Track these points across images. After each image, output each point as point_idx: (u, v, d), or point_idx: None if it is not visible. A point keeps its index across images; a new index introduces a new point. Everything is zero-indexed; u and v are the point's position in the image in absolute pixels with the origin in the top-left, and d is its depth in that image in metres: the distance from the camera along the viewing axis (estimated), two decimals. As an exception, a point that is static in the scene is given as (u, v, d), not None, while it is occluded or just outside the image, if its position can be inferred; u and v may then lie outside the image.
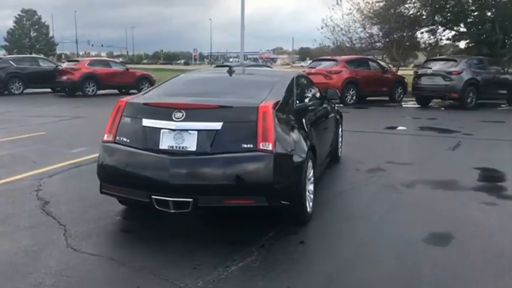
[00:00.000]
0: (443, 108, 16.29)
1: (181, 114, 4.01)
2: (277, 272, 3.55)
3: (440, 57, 18.39)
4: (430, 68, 16.25)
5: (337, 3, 23.60)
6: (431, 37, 23.76)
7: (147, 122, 4.11)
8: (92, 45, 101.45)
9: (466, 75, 15.48)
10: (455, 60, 16.13)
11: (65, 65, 22.08)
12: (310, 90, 5.94)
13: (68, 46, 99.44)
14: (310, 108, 5.42)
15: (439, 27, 22.90)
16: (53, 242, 4.10)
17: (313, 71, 16.86)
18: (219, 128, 3.95)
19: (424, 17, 22.02)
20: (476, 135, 10.36)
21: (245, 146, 3.92)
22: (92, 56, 59.98)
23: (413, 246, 4.02)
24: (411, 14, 22.56)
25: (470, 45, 21.26)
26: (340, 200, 5.44)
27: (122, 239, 4.29)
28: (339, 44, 24.29)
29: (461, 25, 21.86)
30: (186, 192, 3.89)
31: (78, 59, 26.52)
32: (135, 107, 4.32)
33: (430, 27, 22.97)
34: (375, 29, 23.55)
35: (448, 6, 20.98)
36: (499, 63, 18.19)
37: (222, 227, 4.54)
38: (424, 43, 24.01)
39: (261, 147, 3.90)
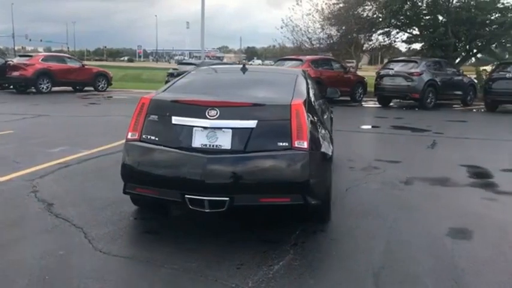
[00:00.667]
0: (404, 108, 16.88)
1: (216, 112, 3.93)
2: (322, 269, 3.57)
3: (401, 58, 19.02)
4: (392, 69, 16.78)
5: (298, 4, 23.92)
6: (386, 39, 24.61)
7: (177, 120, 4.00)
8: (30, 40, 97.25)
9: (426, 76, 16.13)
10: (416, 62, 16.76)
11: (16, 60, 21.01)
12: (316, 88, 6.00)
13: (3, 40, 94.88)
14: (321, 105, 5.48)
15: (394, 29, 23.71)
16: (77, 246, 3.91)
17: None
18: (254, 126, 3.90)
19: (380, 19, 22.67)
20: (446, 133, 10.82)
21: (280, 144, 3.90)
22: (28, 52, 57.43)
23: (440, 241, 4.14)
24: (368, 16, 23.22)
25: (424, 47, 22.11)
26: (348, 198, 5.51)
27: (148, 240, 4.15)
28: (298, 44, 24.60)
29: (416, 28, 22.70)
30: (222, 191, 3.83)
31: (31, 54, 25.27)
32: (163, 105, 4.19)
33: (385, 30, 23.74)
34: (333, 30, 24.04)
35: (403, 10, 21.70)
36: (453, 66, 19.07)
37: (247, 226, 4.49)
38: (379, 45, 24.74)
39: (296, 145, 3.90)
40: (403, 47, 26.10)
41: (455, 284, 3.34)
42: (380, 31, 23.43)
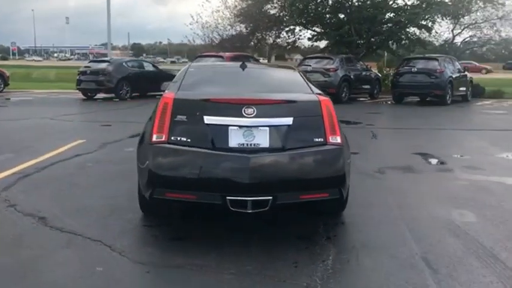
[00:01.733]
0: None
1: (252, 110, 3.84)
2: (373, 258, 3.67)
3: (317, 55, 19.77)
4: (310, 66, 17.41)
5: (207, 0, 23.80)
6: (291, 36, 25.46)
7: (211, 120, 3.83)
8: None
9: (341, 72, 16.98)
10: (331, 58, 17.57)
11: None
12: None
13: None
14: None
15: (298, 27, 24.60)
16: (111, 260, 3.59)
17: (199, 67, 16.85)
18: (291, 123, 3.89)
19: (287, 17, 23.38)
20: (377, 125, 11.55)
21: (316, 140, 3.93)
22: None
23: (453, 223, 4.45)
24: (274, 14, 23.83)
25: (329, 45, 23.22)
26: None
27: (180, 246, 3.91)
28: (209, 40, 24.52)
29: (319, 26, 23.75)
30: (266, 191, 3.76)
31: None
32: (190, 104, 4.00)
33: (291, 27, 24.55)
34: (242, 27, 24.31)
35: (308, 9, 22.56)
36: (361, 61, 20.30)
37: (269, 224, 4.44)
38: (286, 42, 25.52)
39: (331, 140, 3.95)
40: (307, 45, 27.10)
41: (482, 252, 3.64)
42: (286, 29, 24.15)
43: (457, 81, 17.25)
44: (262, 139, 3.83)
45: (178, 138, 3.84)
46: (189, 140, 3.83)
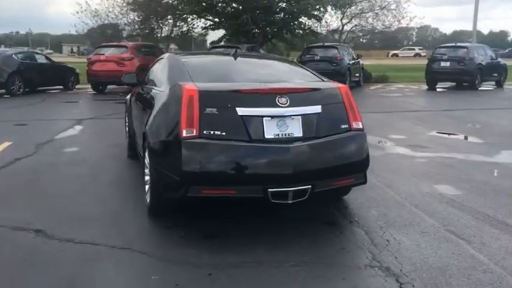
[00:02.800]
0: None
1: (286, 99, 3.79)
2: (407, 235, 3.86)
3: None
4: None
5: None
6: (184, 25, 25.01)
7: (244, 111, 3.71)
8: None
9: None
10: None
11: None
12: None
13: None
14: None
15: (192, 16, 24.24)
16: (158, 267, 3.34)
17: (102, 57, 15.92)
18: (320, 111, 3.92)
19: (182, 5, 22.91)
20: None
21: (343, 126, 4.01)
22: None
23: (446, 197, 4.84)
24: (168, 1, 23.20)
25: (228, 34, 23.25)
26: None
27: (219, 244, 3.73)
28: (101, 30, 23.10)
29: (216, 16, 23.65)
30: (306, 180, 3.76)
31: None
32: (219, 96, 3.82)
33: (184, 16, 24.10)
34: (135, 16, 23.32)
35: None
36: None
37: (286, 212, 4.43)
38: (181, 31, 25.02)
39: (355, 126, 4.07)
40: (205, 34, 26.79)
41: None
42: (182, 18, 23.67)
43: (354, 68, 18.46)
44: (296, 128, 3.81)
45: (212, 132, 3.66)
46: (223, 133, 3.67)
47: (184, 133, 3.65)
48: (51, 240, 3.78)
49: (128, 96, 6.88)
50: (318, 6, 22.32)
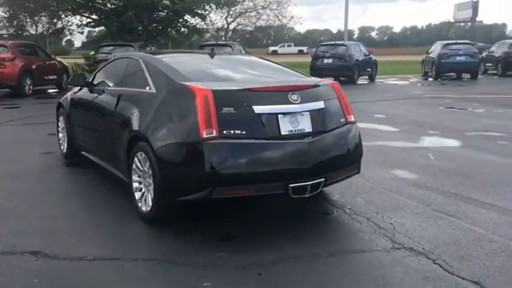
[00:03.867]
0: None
1: (297, 96, 3.89)
2: (404, 217, 4.20)
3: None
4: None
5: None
6: (58, 22, 23.37)
7: (261, 109, 3.73)
8: None
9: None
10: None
11: None
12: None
13: None
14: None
15: (66, 13, 22.75)
16: (203, 274, 3.24)
17: (-23, 58, 14.24)
18: (323, 106, 4.08)
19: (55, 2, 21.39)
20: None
21: (341, 120, 4.22)
22: None
23: (418, 183, 5.34)
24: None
25: (110, 32, 22.20)
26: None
27: (241, 245, 3.70)
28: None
29: (95, 12, 22.48)
30: (321, 173, 3.90)
31: None
32: (234, 95, 3.78)
33: (59, 14, 22.53)
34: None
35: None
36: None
37: (279, 210, 4.52)
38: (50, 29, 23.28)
39: (349, 120, 4.31)
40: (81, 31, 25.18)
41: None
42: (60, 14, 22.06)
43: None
44: (306, 124, 3.92)
45: (232, 132, 3.62)
46: (243, 132, 3.65)
47: (204, 134, 3.56)
48: (61, 261, 3.42)
49: (64, 100, 6.34)
50: (202, 5, 22.44)
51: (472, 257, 3.42)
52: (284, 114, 3.82)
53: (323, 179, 3.92)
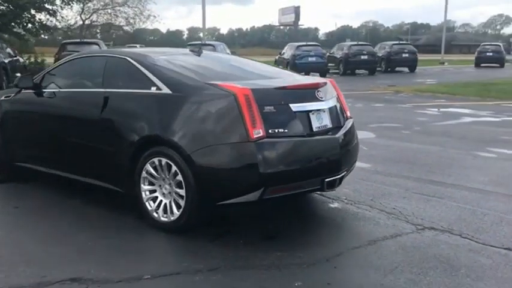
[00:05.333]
0: None
1: (322, 93, 4.01)
2: (394, 201, 4.62)
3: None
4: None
5: None
6: None
7: (296, 107, 3.77)
8: None
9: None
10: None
11: None
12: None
13: None
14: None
15: None
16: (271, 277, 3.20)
17: None
18: (336, 102, 4.28)
19: None
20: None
21: (344, 115, 4.46)
22: None
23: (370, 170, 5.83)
24: None
25: None
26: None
27: (285, 243, 3.70)
28: None
29: None
30: (346, 166, 4.09)
31: None
32: (271, 93, 3.74)
33: None
34: None
35: None
36: None
37: (280, 210, 4.59)
38: None
39: (348, 115, 4.57)
40: None
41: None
42: None
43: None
44: (327, 120, 4.07)
45: (276, 130, 3.61)
46: (285, 131, 3.67)
47: (254, 134, 3.49)
48: (117, 284, 3.05)
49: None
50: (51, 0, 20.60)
51: (485, 229, 3.96)
52: (314, 111, 3.92)
53: (346, 172, 4.12)
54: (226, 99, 3.59)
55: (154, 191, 3.93)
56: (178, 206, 3.77)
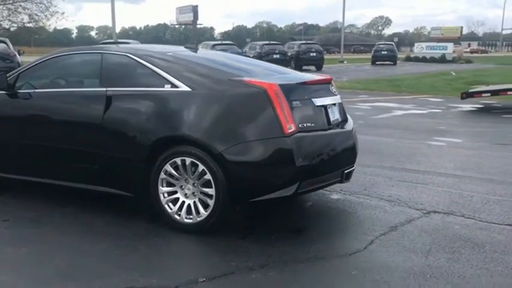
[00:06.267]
0: None
1: (333, 88, 4.12)
2: (397, 190, 4.90)
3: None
4: None
5: None
6: None
7: (318, 101, 3.84)
8: None
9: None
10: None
11: None
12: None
13: None
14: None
15: None
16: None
17: None
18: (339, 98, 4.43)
19: None
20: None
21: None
22: None
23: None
24: None
25: None
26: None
27: (314, 236, 3.77)
28: None
29: None
30: (356, 158, 4.23)
31: None
32: (295, 88, 3.76)
33: None
34: None
35: None
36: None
37: (281, 208, 4.64)
38: None
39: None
40: None
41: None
42: None
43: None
44: (337, 114, 4.18)
45: (305, 125, 3.66)
46: (312, 125, 3.73)
47: (288, 129, 3.50)
48: (176, 290, 2.91)
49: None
50: None
51: (480, 209, 4.32)
52: (330, 105, 4.01)
53: (355, 165, 4.27)
54: (257, 95, 3.56)
55: (175, 192, 3.78)
56: (205, 206, 3.67)
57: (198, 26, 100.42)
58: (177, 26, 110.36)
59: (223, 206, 3.59)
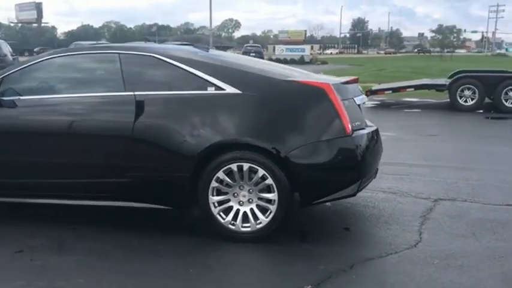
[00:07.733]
0: None
1: (361, 88, 4.22)
2: (395, 183, 5.16)
3: None
4: None
5: None
6: None
7: (358, 100, 3.92)
8: None
9: None
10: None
11: None
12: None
13: None
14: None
15: None
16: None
17: None
18: None
19: None
20: None
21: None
22: None
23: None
24: None
25: None
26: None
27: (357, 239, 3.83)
28: None
29: None
30: None
31: None
32: (342, 88, 3.75)
33: None
34: None
35: None
36: None
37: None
38: None
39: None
40: None
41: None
42: None
43: None
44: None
45: (355, 124, 3.71)
46: (359, 123, 3.79)
47: (349, 128, 3.52)
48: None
49: None
50: None
51: (476, 194, 4.76)
52: (361, 104, 4.11)
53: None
54: (318, 95, 3.51)
55: (227, 200, 3.55)
56: (263, 212, 3.51)
57: (43, 25, 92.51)
58: (13, 25, 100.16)
59: (286, 211, 3.48)
